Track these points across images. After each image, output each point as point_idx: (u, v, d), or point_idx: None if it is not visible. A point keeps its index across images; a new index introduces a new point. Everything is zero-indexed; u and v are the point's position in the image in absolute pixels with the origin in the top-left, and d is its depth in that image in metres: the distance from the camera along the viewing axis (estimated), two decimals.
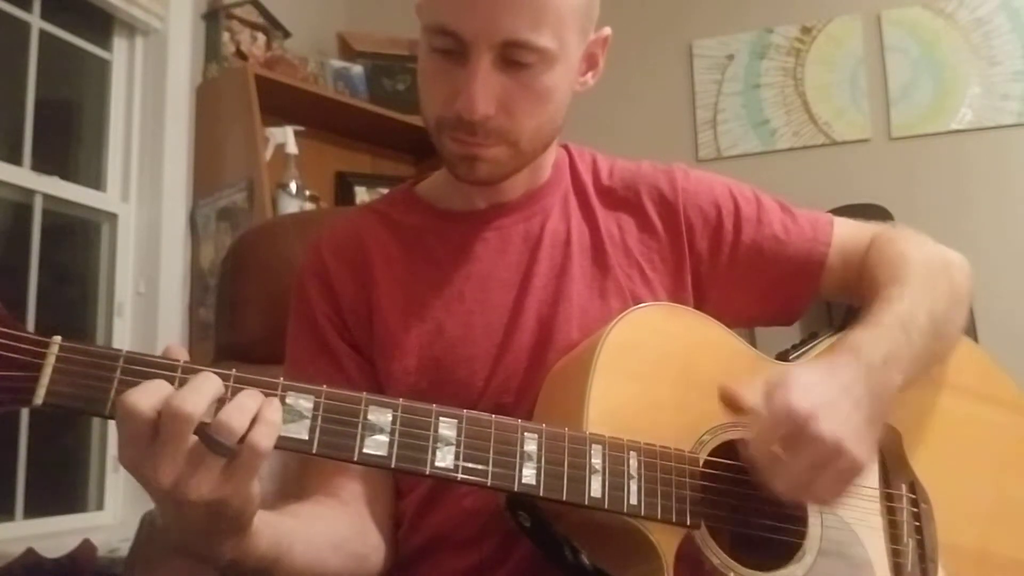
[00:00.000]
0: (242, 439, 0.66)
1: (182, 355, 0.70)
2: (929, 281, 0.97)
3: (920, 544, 0.92)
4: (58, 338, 0.67)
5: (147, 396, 0.65)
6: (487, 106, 0.89)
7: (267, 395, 0.69)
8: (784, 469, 0.79)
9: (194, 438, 0.65)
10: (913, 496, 0.94)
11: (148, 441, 0.65)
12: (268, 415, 0.68)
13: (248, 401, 0.68)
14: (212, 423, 0.65)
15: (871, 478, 0.93)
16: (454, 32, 0.88)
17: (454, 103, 0.90)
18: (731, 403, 0.82)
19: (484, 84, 0.89)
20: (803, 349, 1.00)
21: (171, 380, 0.68)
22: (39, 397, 0.66)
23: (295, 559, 0.81)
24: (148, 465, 0.65)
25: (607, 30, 1.00)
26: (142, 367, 0.68)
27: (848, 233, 1.07)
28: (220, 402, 0.67)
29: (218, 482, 0.66)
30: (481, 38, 0.88)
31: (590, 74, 1.02)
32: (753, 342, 0.96)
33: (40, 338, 0.67)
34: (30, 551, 1.82)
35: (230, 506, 0.68)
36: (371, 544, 0.95)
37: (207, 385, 0.67)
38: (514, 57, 0.89)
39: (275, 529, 0.78)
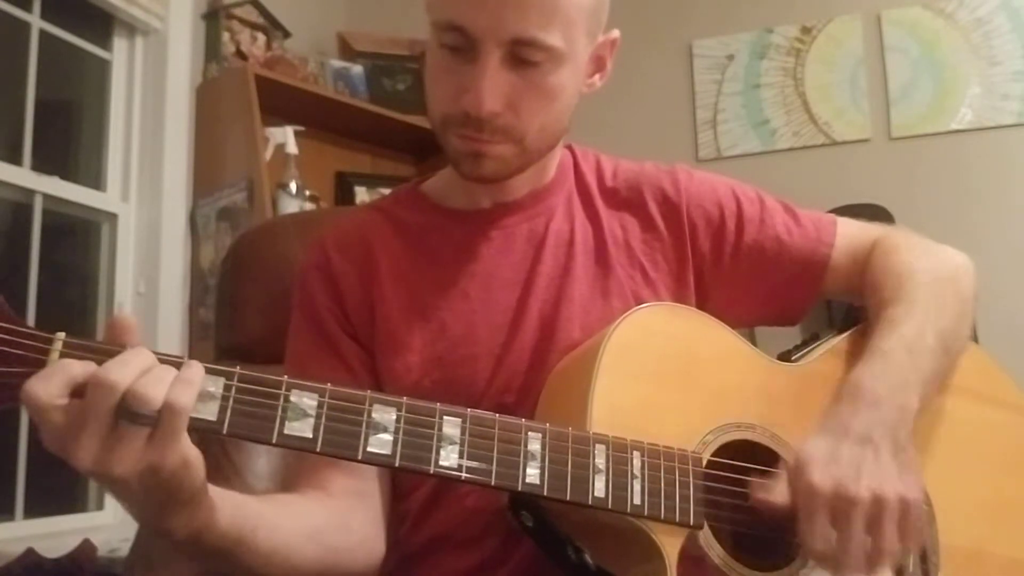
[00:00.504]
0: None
1: (129, 328, 0.69)
2: (936, 296, 0.97)
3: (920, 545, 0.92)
4: (62, 334, 0.67)
5: (47, 382, 0.63)
6: (494, 103, 0.89)
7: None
8: (849, 549, 0.79)
9: (111, 415, 0.64)
10: None
11: (63, 423, 0.64)
12: (185, 375, 0.66)
13: (163, 372, 0.66)
14: (127, 393, 0.63)
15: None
16: (463, 28, 0.88)
17: (461, 100, 0.90)
18: (765, 509, 0.82)
19: (492, 81, 0.89)
20: (805, 350, 0.99)
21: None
22: None
23: (259, 543, 0.79)
24: (69, 445, 0.64)
25: (615, 33, 1.00)
26: None
27: (851, 234, 1.07)
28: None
29: (140, 452, 0.65)
30: (490, 35, 0.88)
31: (597, 76, 1.02)
32: (754, 342, 0.96)
33: (44, 334, 0.66)
34: (30, 551, 1.82)
35: (162, 471, 0.66)
36: (354, 539, 0.93)
37: (134, 357, 0.65)
38: (523, 55, 0.89)
39: (239, 509, 0.77)
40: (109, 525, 2.25)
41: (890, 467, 0.81)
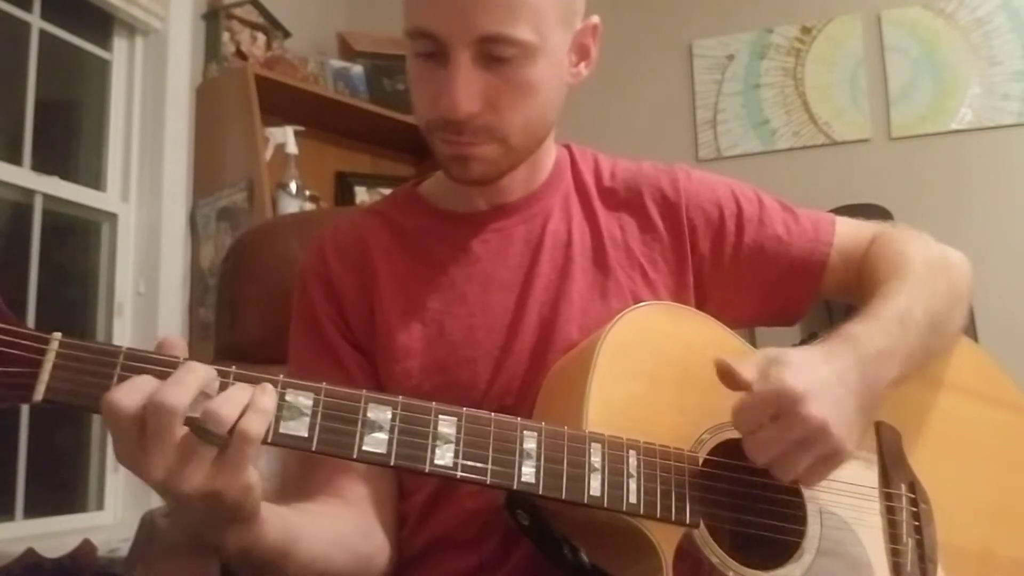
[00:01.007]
0: (232, 428, 0.66)
1: (179, 347, 0.70)
2: (928, 278, 0.97)
3: (919, 544, 0.92)
4: (58, 335, 0.67)
5: (130, 393, 0.65)
6: (470, 104, 0.89)
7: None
8: (768, 443, 0.80)
9: (184, 430, 0.65)
10: (913, 496, 0.94)
11: (137, 436, 0.65)
12: (260, 402, 0.67)
13: (238, 393, 0.67)
14: (201, 412, 0.65)
15: (871, 478, 0.93)
16: (431, 33, 0.89)
17: (439, 105, 0.91)
18: (727, 376, 0.82)
19: (465, 82, 0.89)
20: None
21: (164, 376, 0.67)
22: (39, 393, 0.66)
23: (300, 554, 0.81)
24: (140, 460, 0.65)
25: (595, 18, 1.00)
26: (143, 364, 0.68)
27: (850, 233, 1.07)
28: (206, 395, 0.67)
29: (210, 473, 0.66)
30: (457, 36, 0.88)
31: (583, 64, 1.01)
32: (753, 342, 0.96)
33: (40, 334, 0.67)
34: (30, 551, 1.82)
35: (226, 496, 0.68)
36: (376, 545, 0.95)
37: (190, 377, 0.66)
38: (493, 52, 0.89)
39: (283, 521, 0.79)
40: (109, 525, 2.25)
41: (850, 415, 0.82)
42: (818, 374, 0.81)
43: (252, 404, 0.67)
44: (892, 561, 0.90)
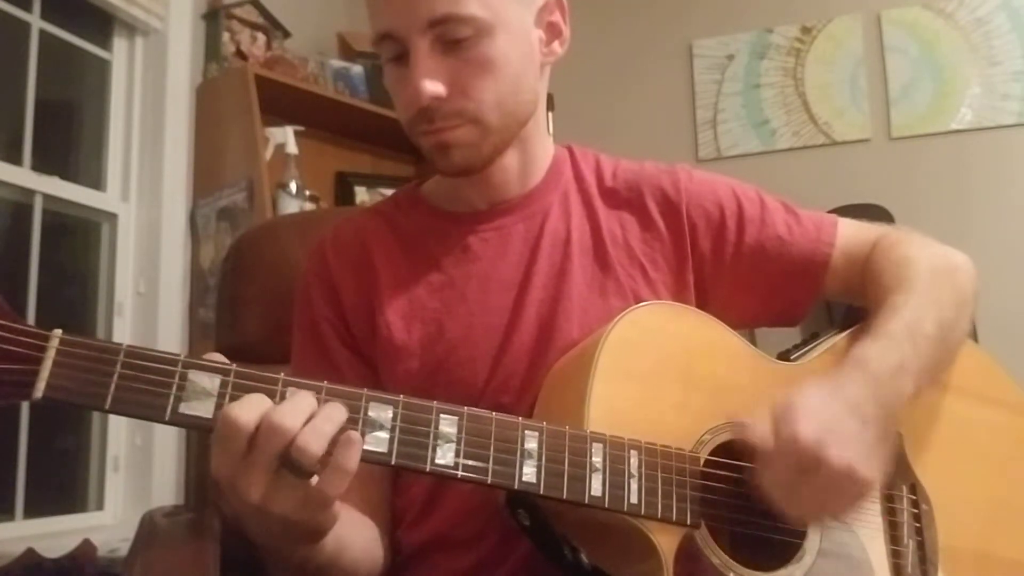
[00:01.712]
0: (324, 460, 0.68)
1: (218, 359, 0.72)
2: (935, 288, 0.97)
3: (920, 546, 0.92)
4: (59, 332, 0.67)
5: (249, 410, 0.67)
6: (432, 87, 0.91)
7: (348, 423, 0.71)
8: (796, 498, 0.79)
9: (283, 453, 0.68)
10: (914, 497, 0.93)
11: (245, 451, 0.67)
12: (343, 462, 0.69)
13: (324, 425, 0.69)
14: (292, 446, 0.67)
15: None
16: (389, 33, 0.91)
17: (408, 98, 0.92)
18: (741, 436, 0.82)
19: (424, 68, 0.90)
20: (804, 349, 0.99)
21: (171, 375, 0.69)
22: (39, 391, 0.66)
23: (343, 561, 0.86)
24: (241, 478, 0.68)
25: None
26: (143, 361, 0.69)
27: (852, 234, 1.07)
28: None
29: (296, 504, 0.69)
30: (408, 27, 0.90)
31: (556, 43, 1.01)
32: (754, 342, 0.96)
33: (41, 331, 0.67)
34: (30, 551, 1.82)
35: (310, 524, 0.73)
36: (383, 547, 0.97)
37: (305, 403, 0.69)
38: (448, 35, 0.90)
39: (335, 531, 0.81)
40: (109, 525, 2.25)
41: (871, 449, 0.81)
42: (830, 413, 0.80)
43: (335, 462, 0.69)
44: (893, 562, 0.90)
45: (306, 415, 0.68)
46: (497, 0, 0.92)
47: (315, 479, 0.70)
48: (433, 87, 0.90)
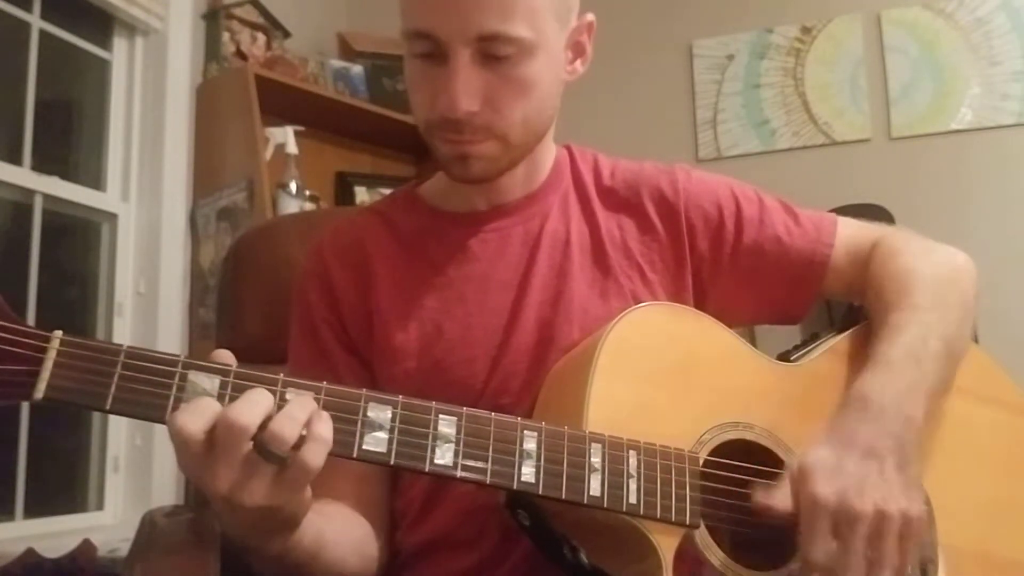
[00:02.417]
0: (296, 446, 0.68)
1: (226, 357, 0.72)
2: (939, 302, 0.95)
3: (919, 545, 0.92)
4: (59, 333, 0.68)
5: (196, 417, 0.67)
6: (469, 102, 0.90)
7: (316, 402, 0.71)
8: (849, 562, 0.78)
9: (248, 447, 0.67)
10: None
11: (203, 453, 0.68)
12: (318, 431, 0.69)
13: (298, 412, 0.69)
14: (265, 433, 0.67)
15: None
16: (429, 33, 0.89)
17: (438, 104, 0.91)
18: (769, 515, 0.81)
19: (464, 81, 0.89)
20: (804, 350, 0.99)
21: (171, 376, 0.69)
22: (39, 391, 0.66)
23: (326, 557, 0.85)
24: (207, 474, 0.68)
25: (590, 16, 1.00)
26: (143, 362, 0.69)
27: (851, 234, 1.06)
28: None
29: (271, 490, 0.69)
30: (455, 36, 0.88)
31: (579, 62, 1.01)
32: (753, 342, 0.96)
33: (41, 332, 0.67)
34: (30, 551, 1.82)
35: (283, 511, 0.72)
36: (378, 545, 0.96)
37: (261, 398, 0.69)
38: (491, 51, 0.89)
39: (315, 525, 0.81)
40: (109, 525, 2.25)
41: (895, 481, 0.80)
42: (845, 463, 0.80)
43: (311, 434, 0.69)
44: None
45: (263, 408, 0.68)
46: (543, 21, 0.91)
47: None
48: (469, 103, 0.90)
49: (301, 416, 0.69)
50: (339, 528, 0.90)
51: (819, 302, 1.09)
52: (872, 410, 0.84)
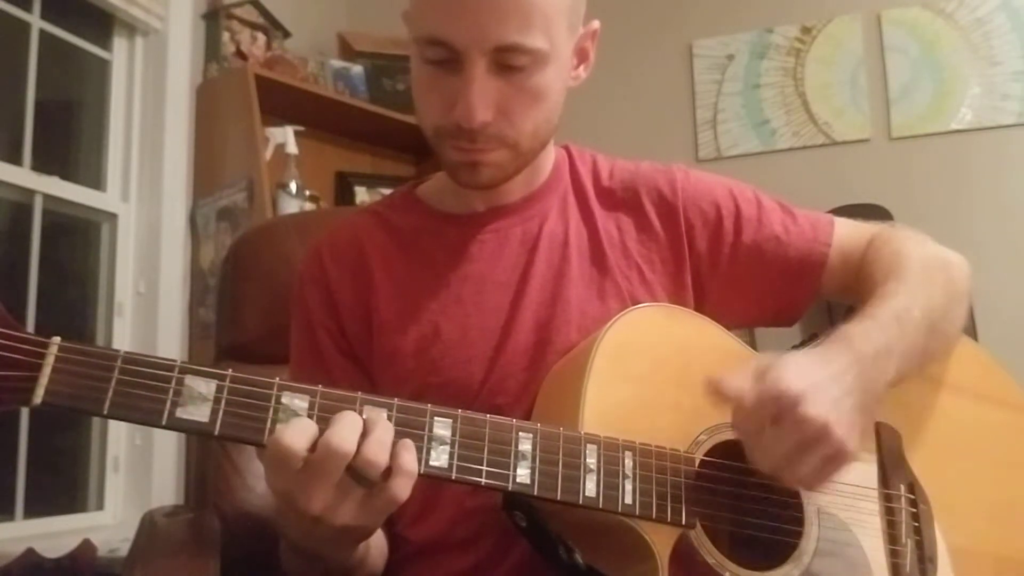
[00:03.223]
0: (385, 475, 0.72)
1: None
2: (925, 277, 0.97)
3: (919, 545, 0.92)
4: (57, 339, 0.68)
5: (299, 437, 0.70)
6: (485, 113, 0.89)
7: (399, 433, 0.74)
8: (770, 447, 0.79)
9: (343, 471, 0.71)
10: (912, 497, 0.93)
11: (298, 473, 0.71)
12: (403, 463, 0.73)
13: (385, 436, 0.73)
14: (358, 459, 0.71)
15: (870, 479, 0.93)
16: (446, 42, 0.88)
17: (452, 112, 0.90)
18: (715, 393, 0.81)
19: (481, 92, 0.89)
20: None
21: (168, 380, 0.70)
22: (38, 397, 0.67)
23: (370, 562, 0.91)
24: (301, 494, 0.72)
25: (596, 23, 1.00)
26: (140, 367, 0.69)
27: (848, 233, 1.07)
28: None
29: (359, 512, 0.73)
30: (473, 46, 0.87)
31: (582, 67, 1.02)
32: (753, 343, 0.96)
33: (40, 339, 0.68)
34: (30, 551, 1.82)
35: (362, 532, 0.77)
36: (387, 546, 0.98)
37: (355, 422, 0.72)
38: (507, 61, 0.89)
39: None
40: (109, 525, 2.25)
41: (850, 415, 0.80)
42: (815, 376, 0.80)
43: (397, 467, 0.72)
44: (891, 562, 0.90)
45: (358, 433, 0.71)
46: (556, 32, 0.91)
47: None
48: (485, 114, 0.89)
49: (388, 439, 0.72)
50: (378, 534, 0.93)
51: (818, 303, 1.09)
52: (853, 350, 0.85)
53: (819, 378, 0.80)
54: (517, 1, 0.87)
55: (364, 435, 0.71)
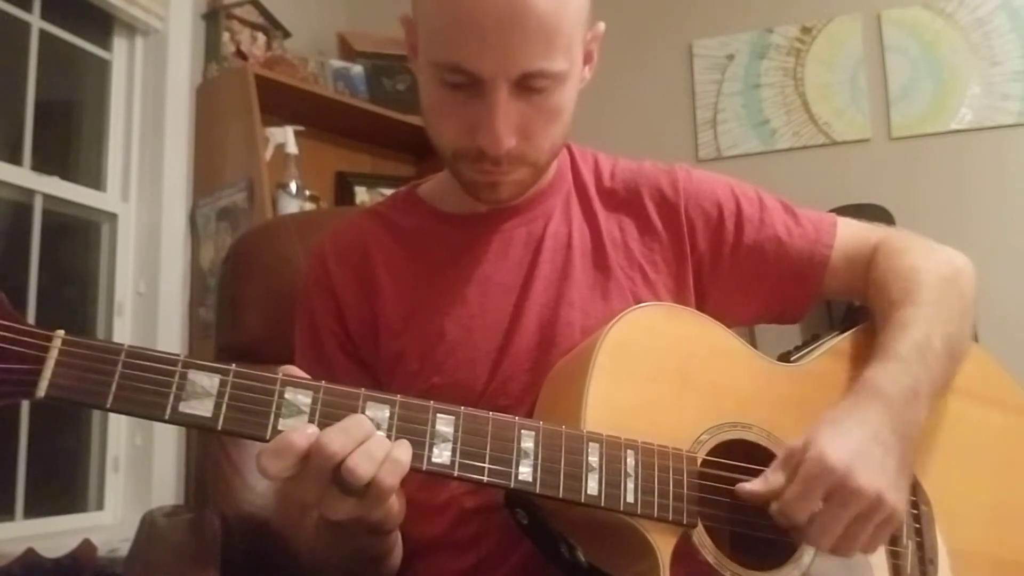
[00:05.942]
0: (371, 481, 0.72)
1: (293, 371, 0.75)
2: (943, 301, 0.96)
3: (920, 546, 0.92)
4: (61, 332, 0.68)
5: (300, 434, 0.70)
6: (510, 140, 0.90)
7: (401, 429, 0.74)
8: (828, 526, 0.80)
9: (327, 477, 0.71)
10: (913, 498, 0.93)
11: (295, 466, 0.70)
12: (396, 454, 0.72)
13: (377, 450, 0.72)
14: (342, 467, 0.70)
15: None
16: (470, 72, 0.87)
17: (473, 135, 0.90)
18: (750, 499, 0.82)
19: (505, 118, 0.88)
20: (804, 351, 0.99)
21: (171, 375, 0.70)
22: (41, 390, 0.67)
23: (395, 557, 0.93)
24: (297, 489, 0.72)
25: (601, 26, 1.00)
26: (143, 361, 0.69)
27: (852, 234, 1.07)
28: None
29: (354, 508, 0.73)
30: (498, 73, 0.87)
31: (587, 68, 1.01)
32: (753, 342, 0.96)
33: (44, 332, 0.68)
34: (30, 551, 1.82)
35: (367, 522, 0.77)
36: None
37: (354, 426, 0.72)
38: (530, 84, 0.88)
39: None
40: (109, 525, 2.25)
41: (894, 475, 0.82)
42: (854, 442, 0.81)
43: (388, 456, 0.72)
44: (892, 563, 0.90)
45: (356, 439, 0.71)
46: (575, 47, 0.91)
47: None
48: (510, 139, 0.89)
49: (379, 454, 0.71)
50: None
51: (819, 303, 1.09)
52: (885, 402, 0.85)
53: (859, 444, 0.81)
54: (542, 26, 0.86)
55: (360, 443, 0.71)
